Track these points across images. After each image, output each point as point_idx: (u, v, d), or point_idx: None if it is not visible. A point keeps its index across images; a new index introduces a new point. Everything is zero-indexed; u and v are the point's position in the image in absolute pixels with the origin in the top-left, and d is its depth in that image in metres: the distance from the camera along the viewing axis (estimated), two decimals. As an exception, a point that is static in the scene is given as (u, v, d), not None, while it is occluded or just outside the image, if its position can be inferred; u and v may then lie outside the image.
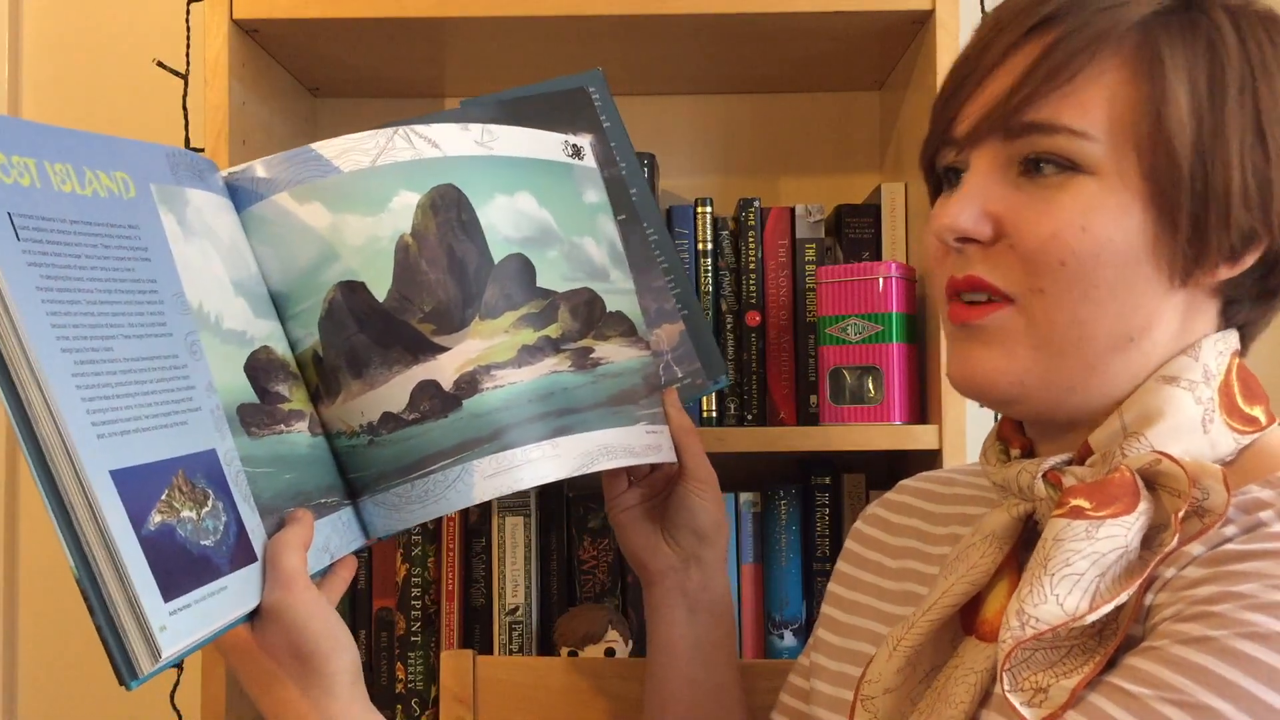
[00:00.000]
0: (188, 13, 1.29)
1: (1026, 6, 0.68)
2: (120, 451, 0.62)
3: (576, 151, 0.95)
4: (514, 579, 1.27)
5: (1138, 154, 0.64)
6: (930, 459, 1.16)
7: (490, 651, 1.27)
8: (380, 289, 0.82)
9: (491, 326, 0.84)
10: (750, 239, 1.28)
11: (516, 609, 1.27)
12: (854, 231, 1.30)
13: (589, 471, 0.86)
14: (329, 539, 0.78)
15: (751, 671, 1.08)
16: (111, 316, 0.65)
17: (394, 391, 0.81)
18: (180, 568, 0.64)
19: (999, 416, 0.78)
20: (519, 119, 0.94)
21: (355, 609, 1.30)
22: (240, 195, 0.82)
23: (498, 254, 0.85)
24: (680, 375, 1.01)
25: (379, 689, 1.28)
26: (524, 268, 0.87)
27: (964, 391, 0.71)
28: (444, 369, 0.82)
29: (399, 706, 1.27)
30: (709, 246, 1.28)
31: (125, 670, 0.61)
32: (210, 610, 0.66)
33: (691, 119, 1.46)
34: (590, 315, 0.90)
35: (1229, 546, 0.61)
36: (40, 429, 0.59)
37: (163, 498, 0.64)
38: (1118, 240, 0.64)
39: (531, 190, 0.89)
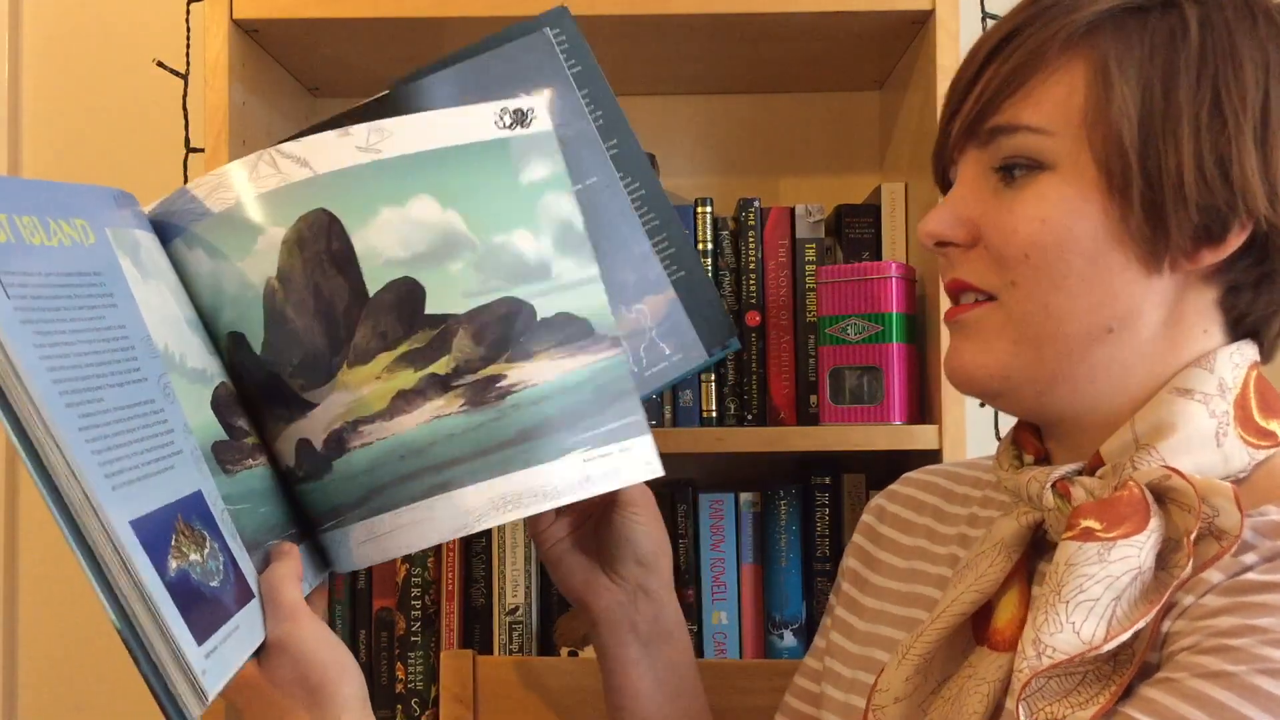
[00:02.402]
0: (188, 13, 1.29)
1: (1001, 22, 0.71)
2: (132, 502, 0.61)
3: (519, 119, 0.80)
4: (514, 579, 1.27)
5: (1090, 144, 0.66)
6: (930, 459, 1.16)
7: (490, 651, 1.27)
8: (256, 341, 0.76)
9: (361, 375, 0.75)
10: (750, 239, 1.28)
11: (516, 609, 1.27)
12: (854, 231, 1.30)
13: (477, 530, 0.76)
14: (304, 569, 0.78)
15: (751, 671, 1.08)
16: (96, 366, 0.64)
17: (285, 448, 0.77)
18: (203, 611, 0.64)
19: (998, 416, 0.78)
20: (473, 85, 0.84)
21: (355, 609, 1.30)
22: (163, 231, 0.78)
23: (376, 283, 0.75)
24: (668, 353, 0.90)
25: (379, 689, 1.28)
26: (407, 295, 0.76)
27: (954, 384, 0.73)
28: (315, 427, 0.76)
29: (399, 706, 1.27)
30: (709, 246, 1.28)
31: (177, 717, 0.61)
32: (231, 649, 0.66)
33: (691, 119, 1.46)
34: (505, 333, 0.77)
35: (1250, 576, 0.60)
36: (64, 487, 0.58)
37: (173, 543, 0.64)
38: (1078, 230, 0.66)
39: (432, 191, 0.76)
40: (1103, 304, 0.66)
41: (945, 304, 1.15)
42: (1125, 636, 0.60)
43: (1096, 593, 0.61)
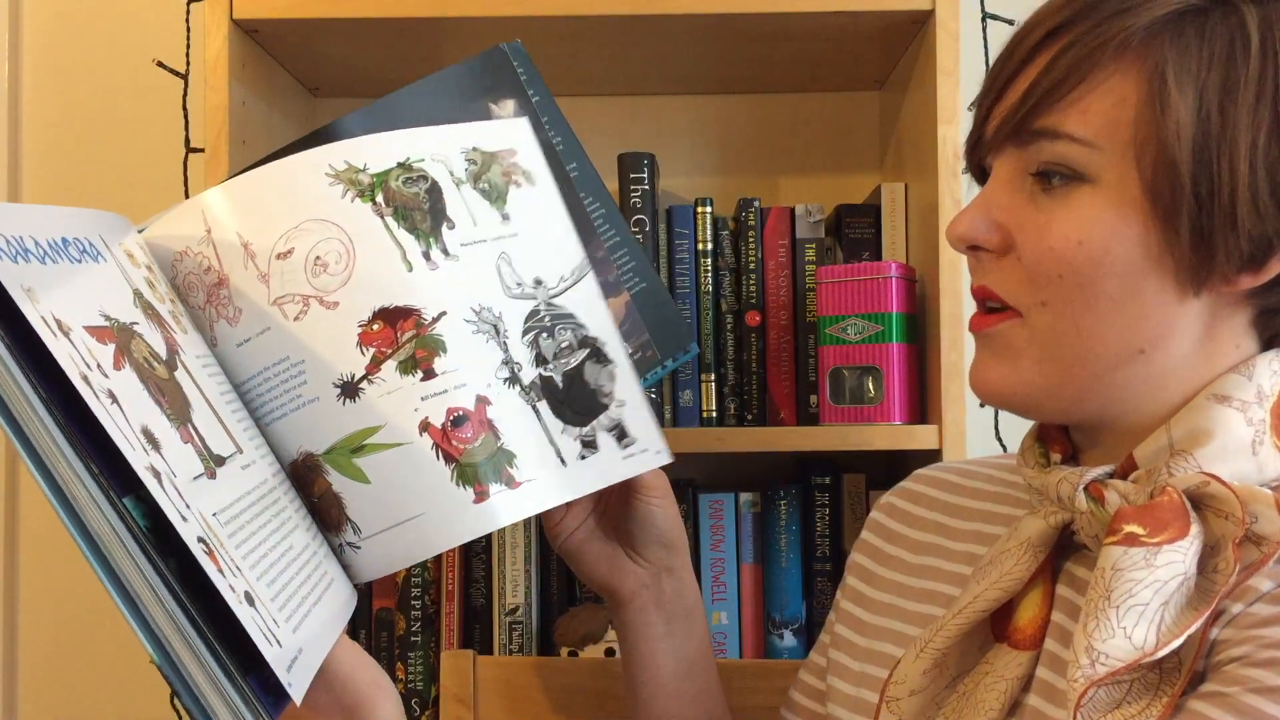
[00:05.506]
0: (188, 13, 1.29)
1: (1047, 14, 0.68)
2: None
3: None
4: (514, 579, 1.27)
5: (1137, 163, 0.63)
6: (930, 459, 1.15)
7: (490, 651, 1.27)
8: None
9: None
10: (750, 239, 1.28)
11: (516, 609, 1.27)
12: (854, 231, 1.30)
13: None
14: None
15: (751, 671, 1.08)
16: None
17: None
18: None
19: (998, 416, 0.77)
20: (446, 99, 0.88)
21: (355, 609, 1.30)
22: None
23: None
24: (630, 350, 0.94)
25: (379, 689, 1.28)
26: None
27: (979, 396, 0.72)
28: None
29: (399, 706, 1.27)
30: (709, 246, 1.28)
31: None
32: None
33: (691, 119, 1.46)
34: None
35: None
36: (89, 521, 0.56)
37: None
38: (1117, 252, 0.64)
39: None
40: (1135, 326, 0.65)
41: (945, 304, 1.16)
42: (1177, 643, 0.59)
43: (1146, 597, 0.60)
